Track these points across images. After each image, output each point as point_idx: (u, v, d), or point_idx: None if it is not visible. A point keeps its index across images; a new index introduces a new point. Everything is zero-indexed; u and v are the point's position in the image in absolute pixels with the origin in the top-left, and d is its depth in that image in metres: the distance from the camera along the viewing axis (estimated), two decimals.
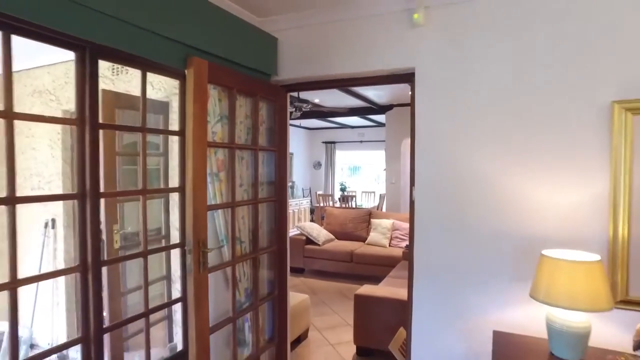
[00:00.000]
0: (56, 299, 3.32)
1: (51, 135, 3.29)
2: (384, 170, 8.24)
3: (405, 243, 5.54)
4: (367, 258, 5.57)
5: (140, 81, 1.91)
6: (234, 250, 2.15)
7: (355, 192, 11.29)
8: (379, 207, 9.59)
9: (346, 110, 7.49)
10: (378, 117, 8.70)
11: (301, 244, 5.91)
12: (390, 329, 2.92)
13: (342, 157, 12.63)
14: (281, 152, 2.58)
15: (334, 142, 12.14)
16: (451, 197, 2.09)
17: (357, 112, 7.84)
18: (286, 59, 2.52)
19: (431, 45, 2.13)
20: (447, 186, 2.10)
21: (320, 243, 5.95)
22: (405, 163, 7.30)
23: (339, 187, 12.21)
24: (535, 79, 1.91)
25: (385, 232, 5.92)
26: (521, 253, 1.92)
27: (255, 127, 2.34)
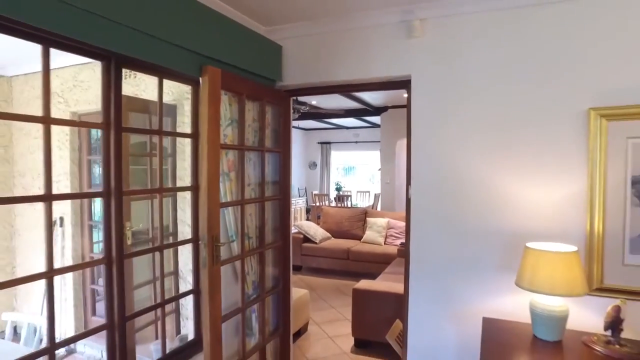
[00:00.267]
0: (64, 294, 3.45)
1: (59, 136, 3.39)
2: (379, 170, 8.35)
3: (400, 241, 5.69)
4: (363, 255, 5.72)
5: (156, 86, 2.06)
6: (243, 245, 2.30)
7: (351, 191, 11.43)
8: (374, 207, 9.75)
9: (342, 111, 7.60)
10: (373, 118, 8.76)
11: (299, 242, 6.02)
12: (386, 321, 3.06)
13: (337, 158, 12.78)
14: (285, 153, 2.73)
15: (329, 143, 12.28)
16: (445, 195, 2.26)
17: (352, 113, 7.89)
18: (290, 65, 2.68)
19: (426, 55, 2.30)
20: (442, 185, 2.27)
21: (317, 241, 6.09)
22: (400, 163, 7.35)
23: (334, 186, 12.35)
24: (521, 87, 2.09)
25: (381, 230, 6.08)
26: (508, 246, 2.11)
27: (262, 130, 2.49)
